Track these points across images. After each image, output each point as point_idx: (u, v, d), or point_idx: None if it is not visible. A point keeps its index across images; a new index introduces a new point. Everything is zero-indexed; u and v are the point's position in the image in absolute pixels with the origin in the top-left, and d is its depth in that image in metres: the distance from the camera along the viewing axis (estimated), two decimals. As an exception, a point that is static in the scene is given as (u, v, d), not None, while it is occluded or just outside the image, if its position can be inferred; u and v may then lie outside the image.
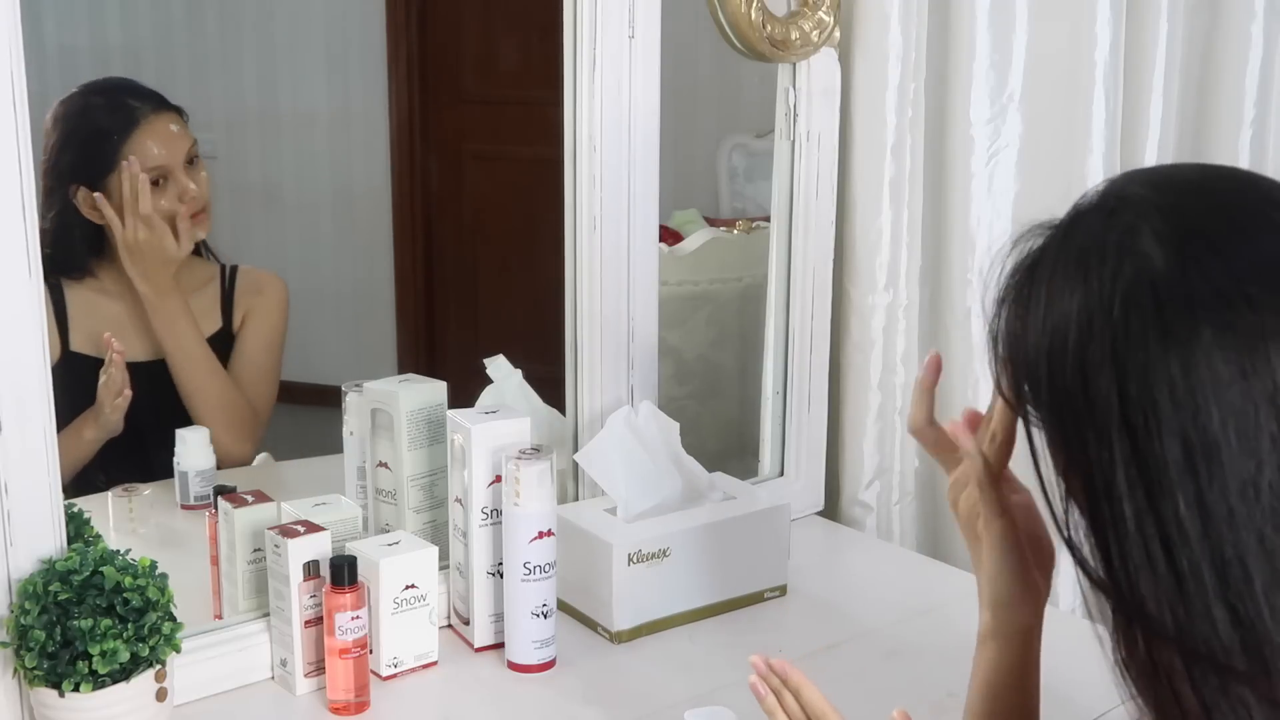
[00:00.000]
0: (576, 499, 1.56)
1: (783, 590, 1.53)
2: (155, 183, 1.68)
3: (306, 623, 1.28)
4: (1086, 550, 0.74)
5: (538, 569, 1.33)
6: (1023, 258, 0.79)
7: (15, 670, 1.14)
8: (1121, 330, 0.70)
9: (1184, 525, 0.68)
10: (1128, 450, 0.69)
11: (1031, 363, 0.75)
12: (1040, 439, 0.77)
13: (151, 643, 1.13)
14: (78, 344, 1.67)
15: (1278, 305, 0.68)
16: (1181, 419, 0.68)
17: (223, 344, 1.79)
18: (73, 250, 1.68)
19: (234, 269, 1.81)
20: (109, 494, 1.54)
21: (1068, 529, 0.75)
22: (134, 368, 1.67)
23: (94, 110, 1.72)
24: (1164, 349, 0.68)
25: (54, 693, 1.11)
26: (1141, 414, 0.68)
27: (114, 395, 1.60)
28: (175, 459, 1.60)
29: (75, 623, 1.10)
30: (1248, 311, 0.68)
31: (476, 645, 1.39)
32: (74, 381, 1.64)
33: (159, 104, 1.73)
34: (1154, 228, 0.72)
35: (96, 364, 1.65)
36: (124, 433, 1.65)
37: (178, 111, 1.74)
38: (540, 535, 1.32)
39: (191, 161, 1.72)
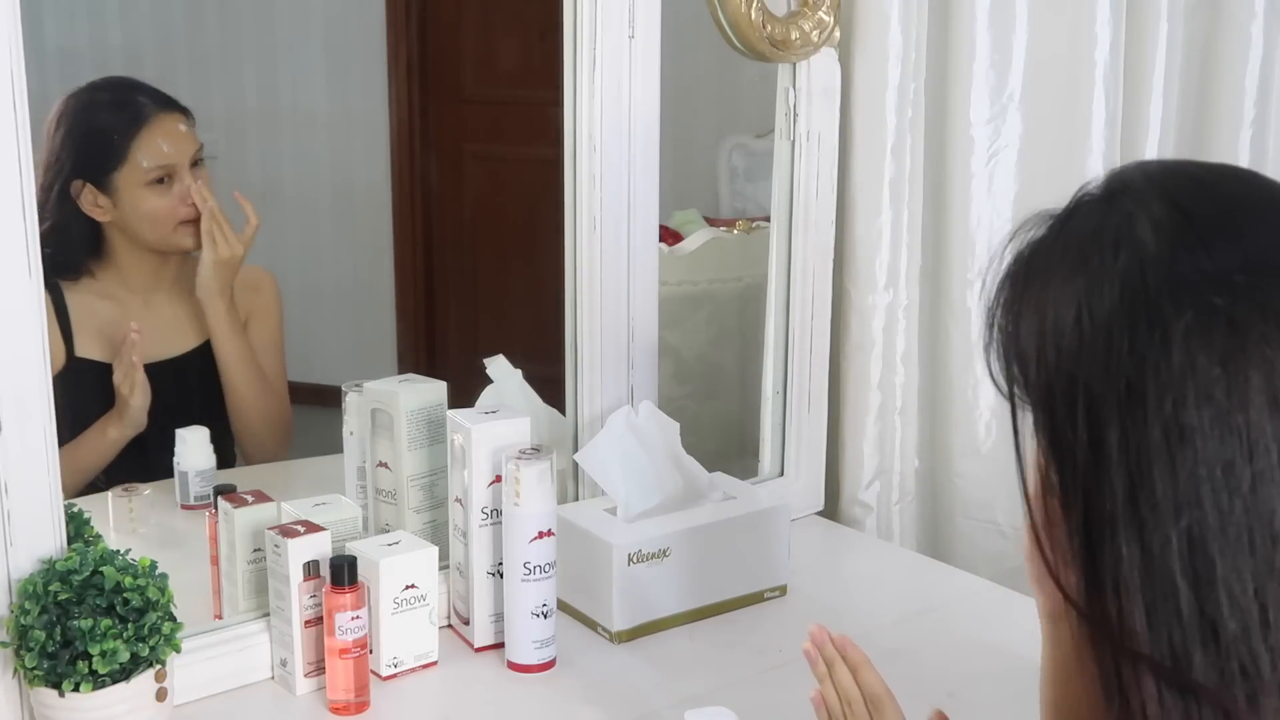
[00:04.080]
0: (576, 499, 1.56)
1: (783, 590, 1.53)
2: (160, 181, 1.68)
3: (306, 623, 1.28)
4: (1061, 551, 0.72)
5: (538, 569, 1.33)
6: (1023, 247, 0.79)
7: (15, 670, 1.14)
8: (1116, 314, 0.70)
9: (1158, 513, 0.67)
10: (1114, 438, 0.69)
11: (1024, 348, 0.75)
12: (1026, 427, 0.77)
13: (151, 643, 1.13)
14: (82, 349, 1.67)
15: (1260, 295, 0.68)
16: (1163, 405, 0.68)
17: None
18: (71, 249, 1.68)
19: None
20: (109, 494, 1.54)
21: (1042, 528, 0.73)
22: None
23: (100, 107, 1.72)
24: (1150, 334, 0.68)
25: (54, 693, 1.11)
26: (1128, 398, 0.68)
27: (130, 387, 1.60)
28: (175, 459, 1.60)
29: (75, 623, 1.10)
30: (1231, 299, 0.68)
31: (476, 645, 1.39)
32: (80, 387, 1.64)
33: (165, 103, 1.72)
34: (1151, 215, 0.72)
35: (102, 368, 1.65)
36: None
37: (184, 112, 1.73)
38: (540, 535, 1.32)
39: (195, 164, 1.71)
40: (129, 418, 1.62)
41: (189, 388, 1.75)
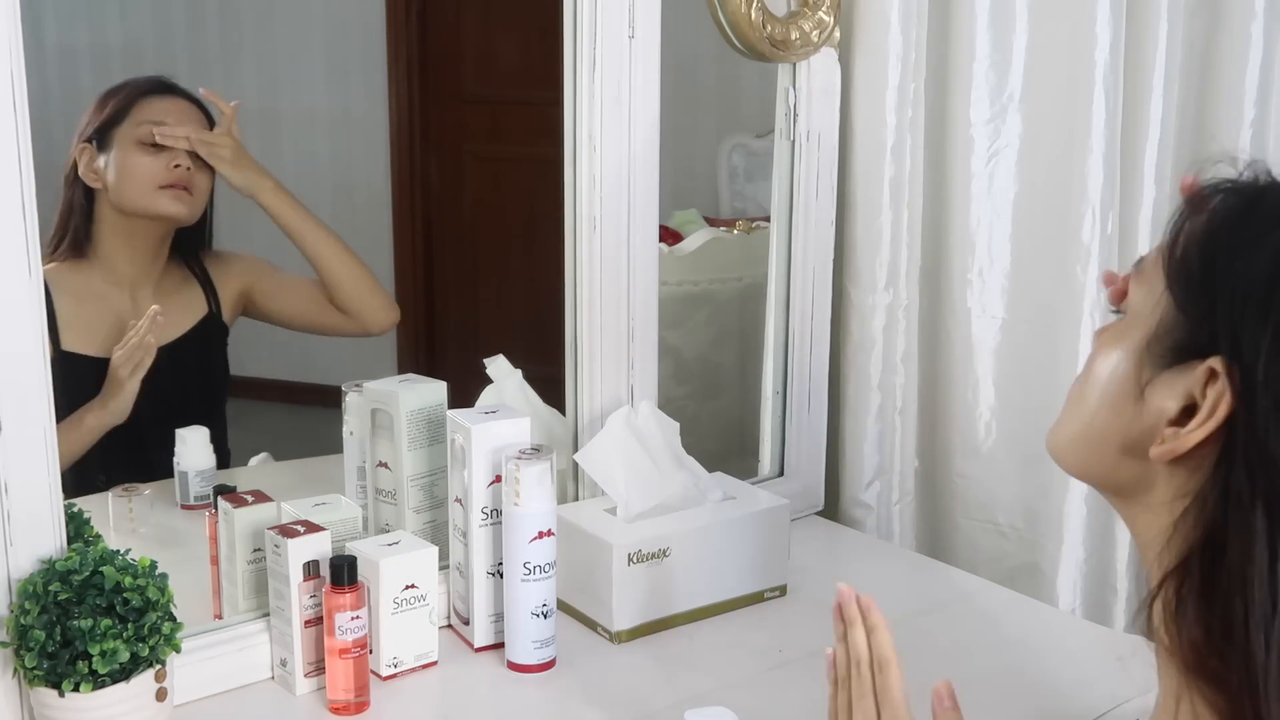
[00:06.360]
0: (576, 499, 1.56)
1: (783, 590, 1.53)
2: (151, 145, 1.71)
3: (306, 623, 1.28)
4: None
5: (538, 569, 1.33)
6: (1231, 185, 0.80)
7: (15, 670, 1.14)
8: None
9: None
10: None
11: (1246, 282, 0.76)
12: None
13: (151, 643, 1.13)
14: (69, 343, 1.67)
15: None
16: None
17: (214, 329, 1.80)
18: (76, 227, 1.71)
19: (197, 257, 1.82)
20: (109, 494, 1.54)
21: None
22: None
23: (128, 81, 1.77)
24: None
25: (54, 693, 1.11)
26: None
27: (131, 369, 1.60)
28: (175, 459, 1.60)
29: (75, 623, 1.10)
30: None
31: (476, 645, 1.39)
32: (69, 382, 1.64)
33: (185, 94, 1.76)
34: None
35: (91, 362, 1.65)
36: (124, 432, 1.65)
37: (201, 108, 1.76)
38: (540, 535, 1.32)
39: (198, 158, 1.74)
40: (115, 405, 1.61)
41: (181, 373, 1.75)
